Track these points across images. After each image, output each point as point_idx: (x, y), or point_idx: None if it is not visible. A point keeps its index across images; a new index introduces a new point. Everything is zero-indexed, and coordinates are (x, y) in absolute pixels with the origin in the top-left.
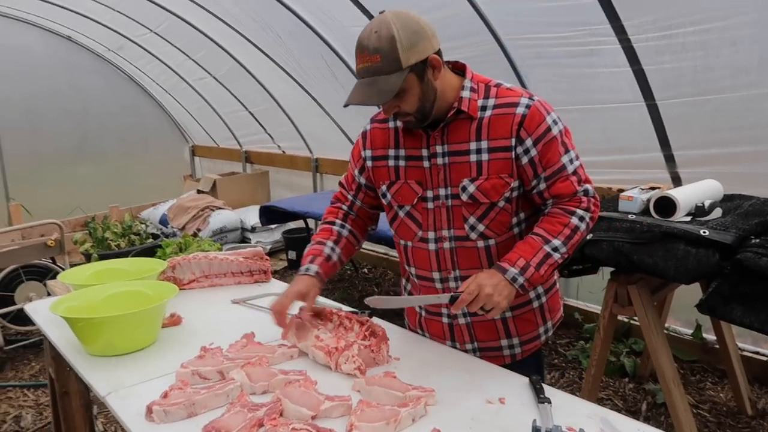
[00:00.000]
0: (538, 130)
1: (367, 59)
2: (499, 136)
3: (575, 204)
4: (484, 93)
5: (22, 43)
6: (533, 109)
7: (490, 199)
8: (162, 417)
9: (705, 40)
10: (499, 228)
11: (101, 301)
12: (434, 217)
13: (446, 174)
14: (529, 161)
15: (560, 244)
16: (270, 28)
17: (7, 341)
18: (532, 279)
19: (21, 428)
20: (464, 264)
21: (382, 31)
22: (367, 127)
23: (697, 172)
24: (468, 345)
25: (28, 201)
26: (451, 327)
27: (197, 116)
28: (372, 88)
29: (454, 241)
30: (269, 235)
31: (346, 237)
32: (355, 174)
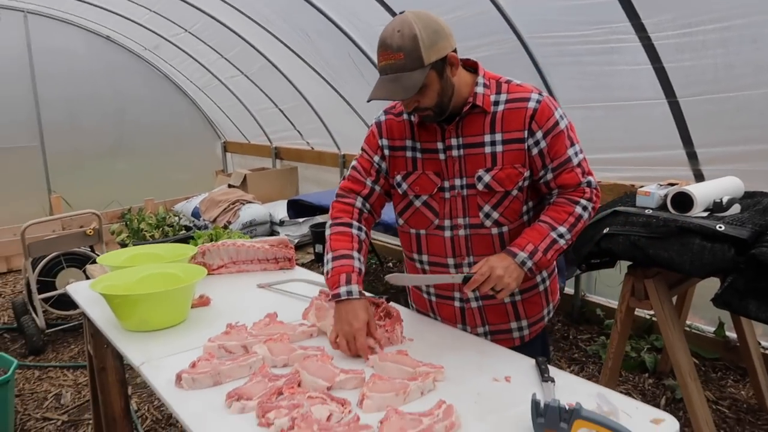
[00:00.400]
0: (547, 123)
1: (391, 57)
2: (512, 129)
3: (579, 194)
4: (495, 89)
5: (64, 45)
6: (543, 104)
7: (505, 188)
8: (190, 384)
9: (725, 37)
10: (512, 215)
11: (136, 281)
12: (450, 206)
13: (461, 165)
14: (539, 152)
15: (565, 231)
16: (300, 28)
17: (48, 324)
18: (540, 263)
19: (61, 405)
20: (478, 250)
21: (405, 30)
22: (381, 117)
23: (720, 170)
24: (480, 328)
25: (69, 194)
26: (463, 310)
27: (229, 113)
28: (396, 84)
29: (469, 229)
30: (297, 229)
31: (363, 240)
32: (374, 160)
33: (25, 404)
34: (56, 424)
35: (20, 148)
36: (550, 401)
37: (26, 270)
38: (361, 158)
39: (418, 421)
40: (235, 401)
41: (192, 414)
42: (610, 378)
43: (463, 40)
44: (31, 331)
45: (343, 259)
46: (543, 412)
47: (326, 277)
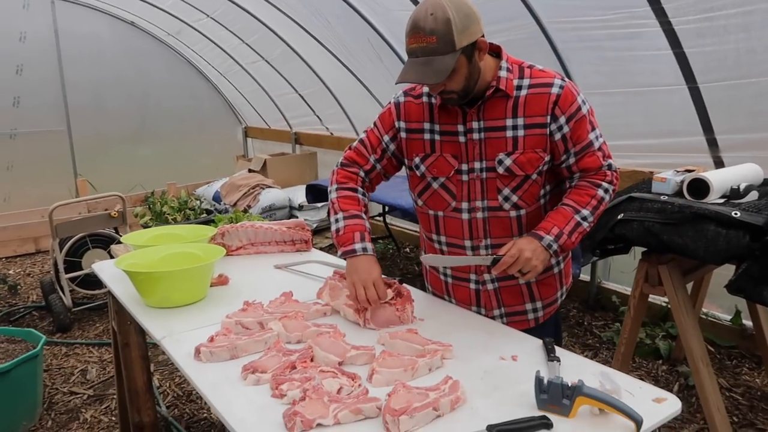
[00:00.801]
0: (570, 108)
1: (423, 40)
2: (535, 114)
3: (600, 177)
4: (518, 73)
5: (90, 30)
6: (566, 89)
7: (525, 172)
8: (208, 357)
9: (747, 22)
10: (530, 199)
11: (158, 259)
12: (468, 188)
13: (482, 148)
14: (562, 137)
15: (588, 214)
16: (319, 13)
17: (75, 303)
18: (565, 245)
19: (87, 380)
20: (496, 233)
21: (438, 14)
22: (400, 99)
23: (740, 157)
24: (495, 311)
25: (94, 177)
26: (478, 293)
27: (250, 98)
28: (427, 67)
29: (487, 211)
30: (316, 214)
31: (367, 205)
32: (383, 139)
33: (53, 379)
34: (82, 398)
35: (48, 131)
36: (553, 378)
37: (54, 250)
38: (371, 133)
39: (425, 395)
40: (251, 374)
41: (209, 385)
42: (622, 363)
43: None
44: (59, 309)
45: (355, 218)
46: (546, 388)
47: (337, 235)
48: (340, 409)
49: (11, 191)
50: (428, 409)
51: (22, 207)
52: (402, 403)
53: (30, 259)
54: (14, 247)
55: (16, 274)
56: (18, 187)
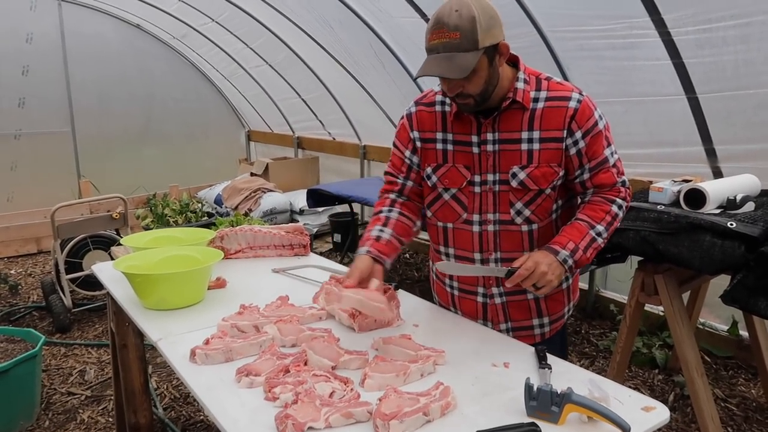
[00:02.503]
0: (587, 123)
1: (446, 35)
2: (551, 127)
3: (615, 193)
4: (535, 85)
5: (96, 31)
6: (584, 103)
7: (539, 186)
8: (203, 359)
9: (746, 33)
10: (543, 214)
11: (157, 262)
12: (480, 200)
13: (495, 160)
14: (577, 152)
15: (603, 230)
16: (323, 18)
17: (75, 304)
18: (580, 261)
19: (85, 381)
20: (506, 246)
21: (463, 11)
22: (411, 109)
23: (739, 167)
24: (502, 325)
25: (97, 179)
26: (485, 306)
27: (253, 102)
28: (450, 62)
29: (498, 225)
30: (316, 218)
31: (395, 218)
32: (405, 156)
33: (51, 379)
34: (80, 399)
35: (53, 132)
36: (542, 385)
37: (55, 251)
38: (393, 156)
39: (416, 399)
40: (245, 376)
41: (204, 386)
42: (618, 372)
43: None
44: (59, 310)
45: (365, 234)
46: (536, 395)
47: None
48: (332, 412)
49: (14, 191)
50: (418, 414)
51: (25, 207)
52: (393, 408)
53: (31, 260)
54: (16, 247)
55: (18, 274)
56: (21, 188)
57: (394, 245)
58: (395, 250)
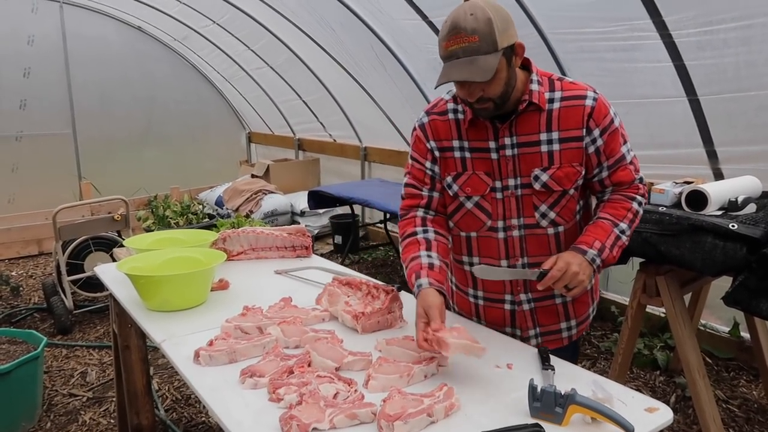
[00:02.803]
0: (604, 121)
1: (464, 39)
2: (570, 127)
3: (634, 191)
4: (549, 86)
5: (97, 33)
6: (599, 101)
7: (563, 187)
8: (207, 361)
9: (747, 35)
10: (568, 215)
11: (160, 263)
12: (503, 206)
13: (516, 164)
14: (595, 150)
15: (626, 227)
16: (324, 20)
17: (76, 305)
18: (607, 260)
19: (86, 383)
20: (533, 251)
21: (478, 14)
22: (423, 120)
23: (740, 169)
24: (531, 331)
25: (98, 180)
26: (513, 313)
27: (254, 104)
28: (473, 66)
29: (523, 229)
30: (317, 220)
31: (434, 240)
32: (426, 167)
33: (53, 380)
34: (81, 400)
35: (54, 134)
36: (546, 386)
37: (56, 252)
38: (413, 168)
39: (419, 401)
40: (249, 378)
41: (208, 388)
42: (619, 373)
43: None
44: (60, 311)
45: (411, 261)
46: (539, 396)
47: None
48: (336, 413)
49: (16, 193)
50: (422, 415)
51: (27, 209)
52: (397, 409)
53: (33, 261)
54: (18, 248)
55: (19, 276)
56: (22, 189)
57: (444, 271)
58: (446, 276)
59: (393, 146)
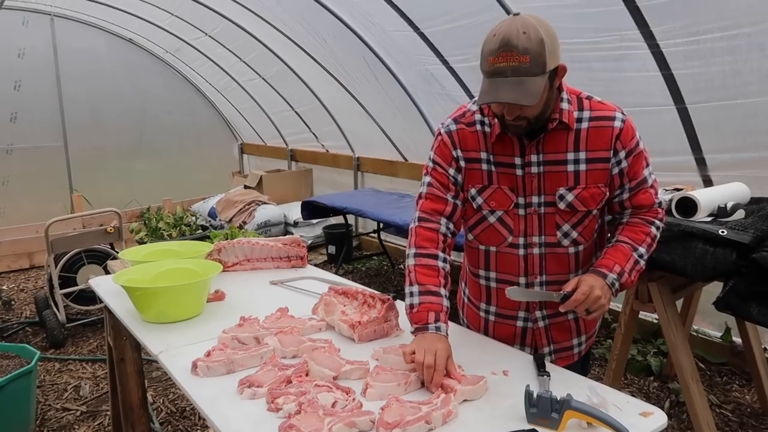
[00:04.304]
0: (630, 143)
1: (515, 59)
2: (598, 148)
3: (653, 215)
4: (577, 105)
5: (88, 46)
6: (627, 123)
7: (588, 208)
8: (205, 371)
9: (733, 45)
10: (589, 234)
11: (155, 275)
12: (525, 223)
13: (540, 182)
14: (619, 172)
15: (644, 252)
16: (316, 32)
17: (69, 319)
18: (625, 284)
19: (80, 396)
20: (552, 269)
21: (531, 33)
22: (451, 127)
23: (728, 176)
24: (545, 348)
25: (90, 193)
26: (525, 330)
27: (247, 115)
28: (521, 88)
29: (544, 248)
30: (311, 230)
31: (448, 271)
32: (450, 174)
33: (46, 395)
34: (75, 415)
35: (45, 147)
36: (542, 392)
37: (48, 266)
38: (435, 172)
39: (417, 408)
40: (247, 388)
41: (206, 398)
42: (613, 380)
43: (476, 47)
44: (52, 325)
45: (431, 295)
46: (535, 402)
47: (411, 310)
48: (335, 422)
49: (6, 206)
50: (420, 423)
51: (17, 222)
52: (395, 417)
53: (24, 275)
54: (8, 262)
55: (10, 290)
56: (13, 202)
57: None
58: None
59: (385, 156)
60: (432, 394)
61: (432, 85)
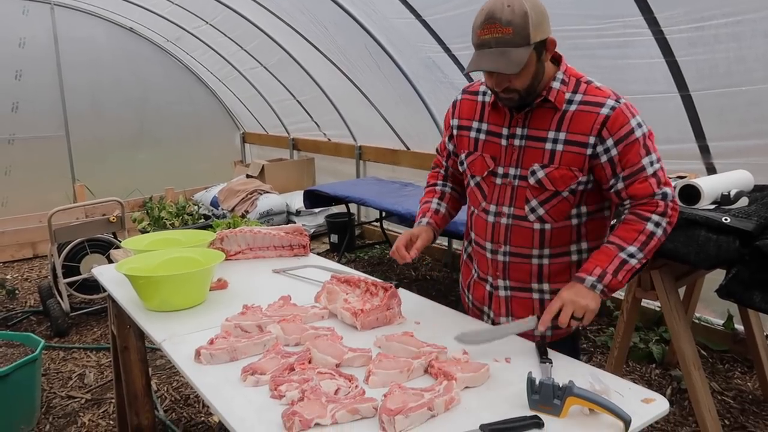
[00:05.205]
0: (620, 131)
1: (499, 30)
2: (578, 131)
3: (651, 208)
4: (573, 87)
5: (88, 35)
6: (618, 111)
7: (556, 188)
8: (208, 359)
9: (737, 31)
10: (558, 215)
11: (158, 264)
12: (499, 192)
13: (519, 156)
14: (608, 160)
15: (636, 251)
16: (317, 20)
17: (72, 308)
18: (611, 285)
19: (84, 384)
20: (516, 241)
21: (515, 7)
22: (458, 97)
23: (732, 163)
24: (503, 319)
25: (92, 183)
26: (491, 295)
27: (248, 104)
28: (503, 57)
29: (511, 219)
30: (313, 219)
31: (449, 192)
32: (446, 141)
33: (51, 383)
34: (80, 402)
35: (47, 137)
36: (544, 379)
37: (52, 255)
38: (443, 138)
39: (420, 395)
40: (250, 375)
41: (209, 386)
42: (615, 367)
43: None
44: (57, 314)
45: (425, 204)
46: (537, 389)
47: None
48: (338, 409)
49: (9, 196)
50: (423, 409)
51: (20, 212)
52: (398, 403)
53: (27, 264)
54: (12, 252)
55: (14, 279)
56: (16, 192)
57: (447, 219)
58: (447, 222)
59: (388, 145)
60: (435, 381)
61: (434, 72)
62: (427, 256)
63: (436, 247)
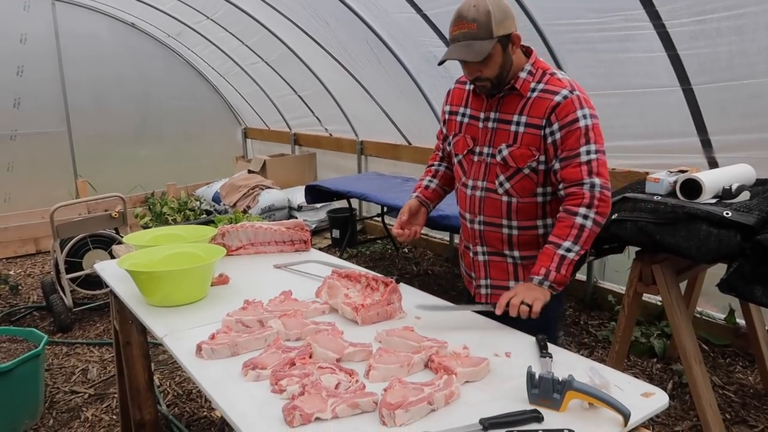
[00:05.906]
0: (566, 118)
1: (465, 26)
2: (535, 115)
3: (578, 201)
4: (539, 78)
5: (90, 30)
6: (568, 100)
7: (517, 165)
8: (209, 354)
9: (739, 25)
10: (522, 191)
11: (160, 259)
12: (475, 168)
13: (491, 136)
14: (552, 142)
15: (571, 245)
16: (318, 14)
17: (75, 303)
18: (557, 279)
19: (87, 379)
20: (488, 212)
21: (480, 6)
22: (452, 86)
23: (734, 157)
24: (482, 281)
25: (94, 178)
26: (473, 260)
27: (250, 100)
28: (468, 48)
29: (484, 191)
30: (315, 214)
31: (443, 171)
32: (442, 127)
33: (54, 378)
34: (83, 397)
35: (49, 132)
36: (544, 373)
37: (55, 251)
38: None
39: (420, 389)
40: (251, 370)
41: (211, 381)
42: (617, 361)
43: None
44: (59, 309)
45: (420, 182)
46: (537, 383)
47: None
48: (338, 403)
49: (11, 192)
50: (423, 404)
51: (23, 208)
52: (398, 398)
53: (30, 260)
54: (14, 247)
55: (17, 275)
56: (18, 188)
57: (439, 193)
58: (439, 196)
59: (389, 140)
60: (435, 376)
61: (435, 67)
62: (428, 251)
63: (438, 242)
